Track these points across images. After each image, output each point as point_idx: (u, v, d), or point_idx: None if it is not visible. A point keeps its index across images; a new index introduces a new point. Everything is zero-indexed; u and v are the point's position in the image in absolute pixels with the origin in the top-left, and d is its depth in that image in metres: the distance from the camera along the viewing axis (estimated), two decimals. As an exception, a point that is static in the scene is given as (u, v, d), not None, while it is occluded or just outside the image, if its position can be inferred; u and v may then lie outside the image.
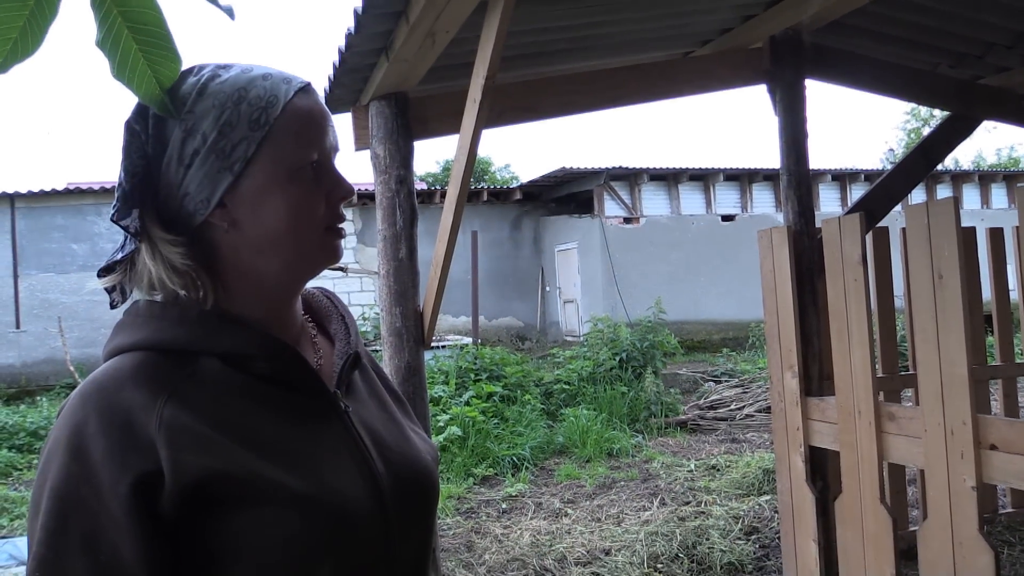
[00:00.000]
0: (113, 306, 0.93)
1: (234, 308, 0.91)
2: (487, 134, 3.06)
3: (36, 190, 14.04)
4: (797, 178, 3.93)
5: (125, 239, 0.90)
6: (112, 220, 0.88)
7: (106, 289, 0.93)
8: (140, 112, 0.88)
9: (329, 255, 0.94)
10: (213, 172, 0.87)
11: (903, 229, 3.40)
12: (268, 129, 0.87)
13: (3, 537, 5.46)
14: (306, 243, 0.91)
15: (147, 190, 0.88)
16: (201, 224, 0.89)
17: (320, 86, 3.46)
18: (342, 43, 2.96)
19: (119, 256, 0.90)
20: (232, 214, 0.89)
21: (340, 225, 0.95)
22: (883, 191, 4.34)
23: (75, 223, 14.26)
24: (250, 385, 0.88)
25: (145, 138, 0.88)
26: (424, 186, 18.94)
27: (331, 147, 0.94)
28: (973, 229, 3.84)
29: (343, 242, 0.97)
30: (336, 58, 3.10)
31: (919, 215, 3.00)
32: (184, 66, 0.87)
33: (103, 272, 0.91)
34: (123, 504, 0.77)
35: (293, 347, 0.91)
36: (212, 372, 0.87)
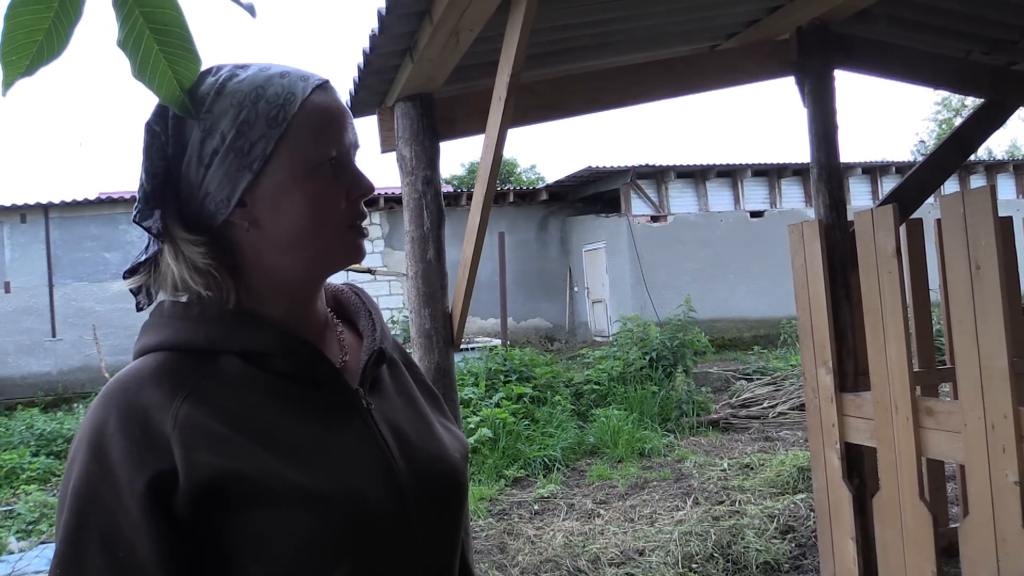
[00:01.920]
0: (139, 308, 0.94)
1: (256, 306, 0.91)
2: (512, 136, 3.07)
3: (69, 200, 14.29)
4: (828, 171, 3.87)
5: (148, 241, 0.90)
6: (134, 221, 0.89)
7: (132, 291, 0.93)
8: (160, 113, 0.89)
9: (351, 253, 0.94)
10: (233, 171, 0.87)
11: (938, 220, 3.33)
12: (286, 126, 0.87)
13: (43, 543, 5.54)
14: (327, 241, 0.91)
15: (168, 191, 0.89)
16: (222, 223, 0.89)
17: (345, 88, 3.47)
18: (366, 44, 2.96)
19: (143, 258, 0.90)
20: (253, 213, 0.89)
21: (362, 223, 0.94)
22: (916, 182, 4.27)
23: (108, 232, 14.49)
24: (270, 383, 0.88)
25: (165, 139, 0.88)
26: (450, 189, 18.98)
27: (350, 144, 0.93)
28: (1010, 219, 3.76)
29: (370, 245, 0.96)
30: (360, 60, 3.10)
31: (955, 204, 2.94)
32: (204, 67, 0.87)
33: (128, 274, 0.92)
34: (139, 502, 0.78)
35: (313, 344, 0.91)
36: (232, 370, 0.87)
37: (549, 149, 67.20)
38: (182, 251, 0.87)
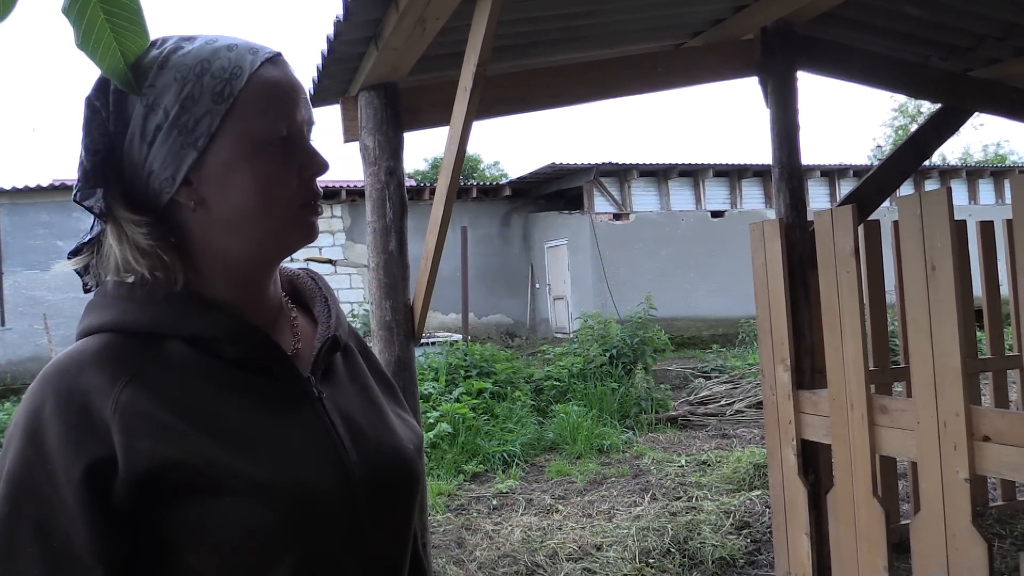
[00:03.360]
0: (87, 290, 0.90)
1: (205, 290, 0.88)
2: (475, 131, 3.05)
3: (21, 186, 13.92)
4: (789, 171, 3.91)
5: (93, 221, 0.87)
6: (75, 200, 0.85)
7: (77, 272, 0.90)
8: (101, 87, 0.85)
9: (304, 233, 0.90)
10: (176, 148, 0.83)
11: (894, 222, 3.39)
12: (232, 102, 0.83)
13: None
14: (278, 221, 0.87)
15: (110, 169, 0.85)
16: (168, 203, 0.85)
17: (308, 77, 3.42)
18: (330, 31, 2.92)
19: (87, 238, 0.87)
20: (199, 192, 0.85)
21: (315, 202, 0.90)
22: (873, 184, 4.33)
23: (60, 219, 14.14)
24: (218, 370, 0.85)
25: (106, 115, 0.84)
26: (412, 183, 18.87)
27: (303, 120, 0.89)
28: (964, 222, 3.83)
29: (332, 238, 0.93)
30: (324, 47, 3.06)
31: (912, 206, 2.98)
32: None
33: (72, 255, 0.89)
34: (76, 490, 0.75)
35: (263, 331, 0.88)
36: (178, 356, 0.83)
37: (513, 146, 67.30)
38: (125, 232, 0.84)
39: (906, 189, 16.91)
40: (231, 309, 0.88)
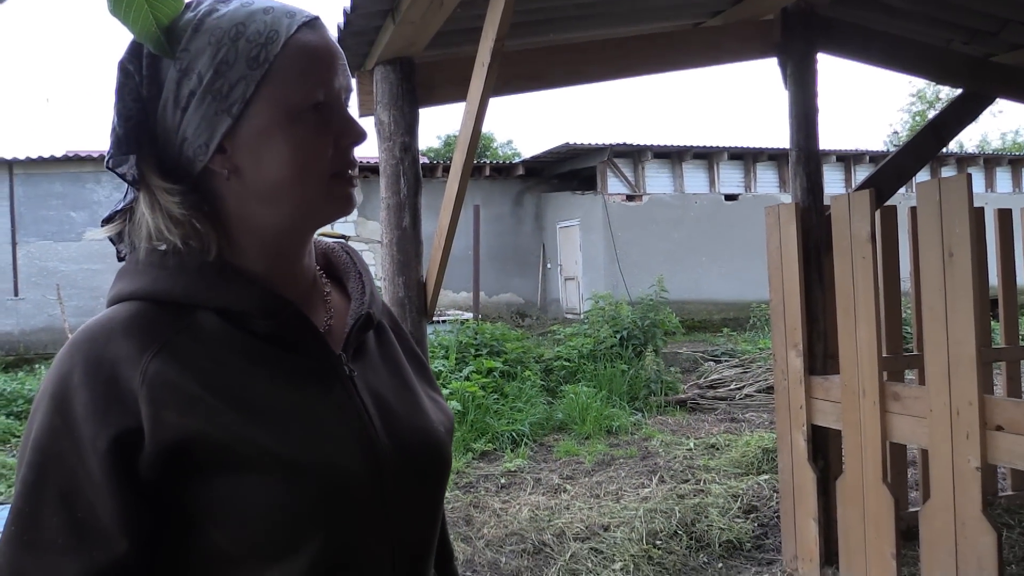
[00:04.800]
0: (120, 258, 0.89)
1: (238, 260, 0.86)
2: (489, 109, 3.01)
3: (35, 156, 13.95)
4: (806, 154, 3.88)
5: (126, 188, 0.85)
6: (107, 167, 0.83)
7: (111, 240, 0.89)
8: (134, 51, 0.82)
9: (340, 204, 0.87)
10: (210, 115, 0.81)
11: (912, 208, 3.35)
12: (268, 67, 0.81)
13: (2, 504, 5.46)
14: (312, 191, 0.85)
15: (144, 135, 0.83)
16: (202, 171, 0.83)
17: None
18: (347, 3, 2.90)
19: (120, 206, 0.86)
20: (233, 160, 0.83)
21: (352, 171, 0.87)
22: (892, 169, 4.29)
23: (74, 191, 14.18)
24: (248, 343, 0.83)
25: (139, 79, 0.82)
26: (426, 160, 18.83)
27: (340, 88, 0.86)
28: (982, 210, 3.79)
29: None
30: (340, 20, 3.03)
31: (931, 192, 2.95)
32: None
33: (105, 222, 0.87)
34: (102, 461, 0.74)
35: (295, 305, 0.85)
36: (209, 327, 0.81)
37: (526, 125, 66.94)
38: (158, 200, 0.82)
39: (922, 176, 16.76)
40: (264, 282, 0.86)
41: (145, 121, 0.83)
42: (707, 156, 16.87)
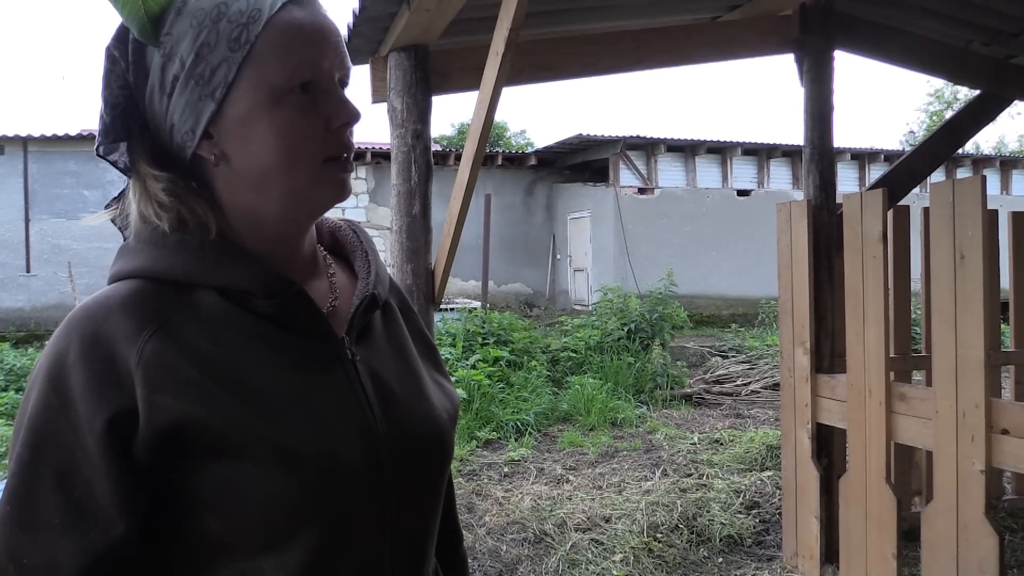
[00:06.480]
0: (127, 240, 0.88)
1: (239, 240, 0.84)
2: (502, 99, 3.00)
3: (49, 134, 14.00)
4: (820, 152, 3.86)
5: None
6: (97, 155, 0.83)
7: (115, 223, 0.88)
8: (120, 36, 0.80)
9: (333, 190, 0.84)
10: (194, 100, 0.79)
11: (925, 208, 3.33)
12: (249, 48, 0.77)
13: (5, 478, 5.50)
14: (301, 177, 0.81)
15: (133, 122, 0.82)
16: (193, 158, 0.82)
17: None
18: (363, -11, 2.89)
19: (118, 192, 0.86)
20: (220, 146, 0.81)
21: (345, 155, 0.83)
22: (906, 169, 4.27)
23: (87, 169, 14.23)
24: (250, 323, 0.81)
25: (125, 65, 0.80)
26: (438, 148, 18.80)
27: (332, 66, 0.82)
28: (995, 212, 3.76)
29: (355, 199, 0.90)
30: (356, 5, 3.03)
31: (944, 193, 2.93)
32: None
33: (107, 207, 0.87)
34: (99, 442, 0.73)
35: (299, 285, 0.83)
36: (208, 306, 0.80)
37: (539, 115, 66.90)
38: (146, 187, 0.81)
39: (937, 177, 16.64)
40: (266, 261, 0.84)
41: (134, 108, 0.82)
42: (720, 151, 16.78)
